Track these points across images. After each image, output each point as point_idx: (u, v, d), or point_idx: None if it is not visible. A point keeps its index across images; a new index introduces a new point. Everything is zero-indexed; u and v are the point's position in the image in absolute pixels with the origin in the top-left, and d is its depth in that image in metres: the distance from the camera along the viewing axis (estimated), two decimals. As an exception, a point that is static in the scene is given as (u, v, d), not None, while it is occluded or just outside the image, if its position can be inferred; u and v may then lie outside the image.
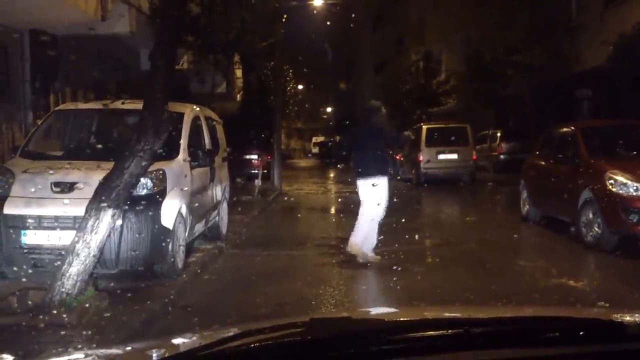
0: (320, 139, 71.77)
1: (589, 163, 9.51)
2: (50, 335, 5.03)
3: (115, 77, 16.22)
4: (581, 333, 1.79)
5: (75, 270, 5.57)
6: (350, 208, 15.80)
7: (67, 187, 6.78)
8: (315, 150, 68.69)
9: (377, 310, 3.42)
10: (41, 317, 5.31)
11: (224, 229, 10.20)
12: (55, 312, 5.38)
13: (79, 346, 4.73)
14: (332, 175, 34.47)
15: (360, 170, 8.73)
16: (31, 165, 7.17)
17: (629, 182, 8.62)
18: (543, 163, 11.40)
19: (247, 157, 23.42)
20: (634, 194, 8.56)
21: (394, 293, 7.07)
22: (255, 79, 26.68)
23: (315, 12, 30.44)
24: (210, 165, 8.98)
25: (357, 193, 8.83)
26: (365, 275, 7.94)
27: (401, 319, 2.24)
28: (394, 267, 8.26)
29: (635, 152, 9.67)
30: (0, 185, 6.83)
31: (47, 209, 6.65)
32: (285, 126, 35.32)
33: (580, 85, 20.68)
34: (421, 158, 21.83)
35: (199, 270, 7.85)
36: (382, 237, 8.70)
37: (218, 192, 9.66)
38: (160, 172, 7.02)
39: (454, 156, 21.96)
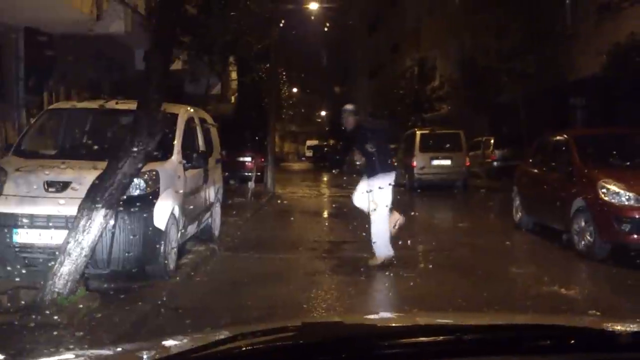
0: (314, 142, 71.75)
1: (582, 171, 9.54)
2: (41, 335, 5.00)
3: (110, 76, 16.19)
4: (572, 342, 1.80)
5: (66, 269, 5.55)
6: (343, 212, 15.84)
7: (60, 187, 6.76)
8: (309, 153, 68.72)
9: (368, 316, 3.42)
10: (32, 316, 5.28)
11: (216, 231, 10.19)
12: (46, 311, 5.35)
13: (70, 346, 4.70)
14: (325, 179, 34.48)
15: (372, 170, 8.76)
16: (24, 164, 7.14)
17: (622, 192, 8.65)
18: (536, 170, 11.43)
19: (241, 159, 23.39)
20: (627, 203, 8.59)
21: (385, 299, 7.07)
22: (250, 81, 26.66)
23: (311, 16, 30.46)
24: (204, 167, 8.96)
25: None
26: (357, 281, 7.94)
27: (393, 325, 2.24)
28: (386, 273, 8.27)
29: (628, 162, 9.70)
30: (-7, 184, 6.80)
31: (40, 208, 6.63)
32: (279, 129, 35.32)
33: (575, 93, 20.77)
34: (415, 164, 21.87)
35: (190, 272, 7.83)
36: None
37: (211, 193, 9.64)
38: (154, 172, 7.00)
39: (448, 162, 22.01)
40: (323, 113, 79.64)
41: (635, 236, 8.49)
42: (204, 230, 9.55)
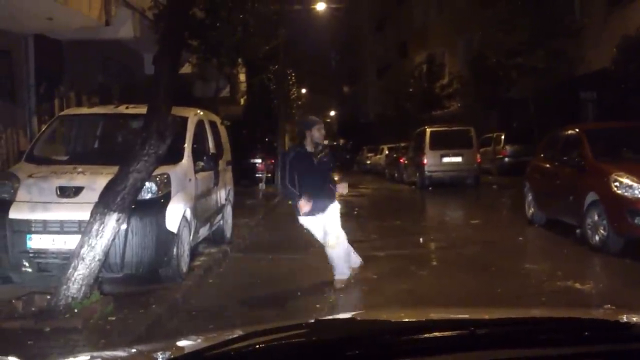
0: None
1: (594, 165, 9.48)
2: (56, 340, 5.04)
3: (120, 81, 16.26)
4: (587, 333, 1.79)
5: (80, 274, 5.58)
6: (354, 213, 15.83)
7: (72, 192, 6.81)
8: None
9: (381, 312, 3.42)
10: (47, 321, 5.32)
11: (228, 232, 10.21)
12: (61, 316, 5.39)
13: (85, 350, 4.73)
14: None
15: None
16: (36, 170, 7.19)
17: (635, 184, 8.59)
18: (548, 165, 11.37)
19: (251, 161, 23.46)
20: (640, 196, 8.54)
21: (398, 296, 7.06)
22: (259, 82, 26.73)
23: (318, 16, 30.48)
24: (215, 169, 8.99)
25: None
26: (369, 279, 7.93)
27: (406, 320, 2.23)
28: (399, 270, 8.26)
29: (640, 154, 9.64)
30: (6, 190, 6.86)
31: (53, 213, 6.67)
32: (288, 130, 35.31)
33: (585, 87, 20.65)
34: (425, 161, 21.81)
35: (203, 274, 7.85)
36: (388, 239, 8.65)
37: (222, 195, 9.67)
38: (165, 176, 7.03)
39: (458, 159, 21.94)
40: (332, 113, 79.67)
41: (649, 229, 8.43)
42: (215, 232, 9.58)
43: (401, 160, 26.63)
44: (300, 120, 7.32)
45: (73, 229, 6.52)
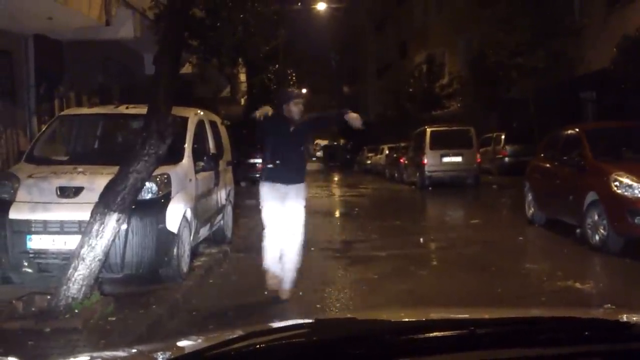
0: (324, 142, 71.93)
1: (594, 165, 9.49)
2: (57, 340, 5.03)
3: (120, 81, 16.26)
4: (586, 333, 1.79)
5: (80, 274, 5.58)
6: (354, 212, 15.84)
7: (72, 192, 6.80)
8: (319, 153, 68.94)
9: (382, 312, 3.42)
10: (47, 321, 5.31)
11: (228, 232, 10.21)
12: (61, 316, 5.39)
13: (85, 350, 4.73)
14: (336, 179, 34.47)
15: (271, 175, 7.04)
16: (36, 170, 7.19)
17: (635, 184, 8.59)
18: (548, 165, 11.38)
19: (251, 161, 23.45)
20: (640, 195, 8.54)
21: (398, 296, 7.06)
22: (259, 82, 26.73)
23: (318, 16, 30.49)
24: (215, 169, 8.99)
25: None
26: (369, 279, 7.94)
27: (406, 320, 2.23)
28: (399, 270, 8.26)
29: (640, 154, 9.64)
30: (6, 190, 6.86)
31: (53, 214, 6.67)
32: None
33: (585, 87, 20.64)
34: (425, 161, 21.82)
35: (204, 274, 7.85)
36: (389, 239, 8.66)
37: (222, 195, 9.66)
38: (165, 176, 7.03)
39: (458, 159, 21.95)
40: (332, 113, 79.64)
41: (649, 229, 8.44)
42: (216, 232, 9.58)
43: (401, 160, 26.65)
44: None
45: (73, 229, 6.52)
